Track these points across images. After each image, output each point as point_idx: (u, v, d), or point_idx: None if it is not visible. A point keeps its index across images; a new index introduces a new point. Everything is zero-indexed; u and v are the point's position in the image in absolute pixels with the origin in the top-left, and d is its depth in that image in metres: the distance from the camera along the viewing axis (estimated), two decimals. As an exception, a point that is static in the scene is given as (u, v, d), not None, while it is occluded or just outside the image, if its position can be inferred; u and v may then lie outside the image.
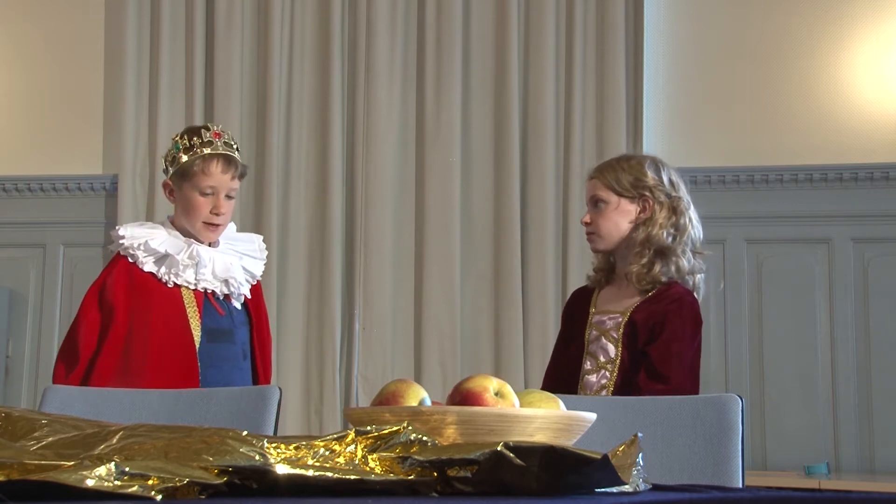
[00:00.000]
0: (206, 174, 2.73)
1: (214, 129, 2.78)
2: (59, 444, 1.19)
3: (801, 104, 4.40)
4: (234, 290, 2.80)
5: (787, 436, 4.22)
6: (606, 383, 2.53)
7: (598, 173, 2.68)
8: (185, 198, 2.76)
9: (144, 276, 2.73)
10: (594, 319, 2.62)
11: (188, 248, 2.75)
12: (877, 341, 4.22)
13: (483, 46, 4.57)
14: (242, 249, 2.87)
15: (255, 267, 2.87)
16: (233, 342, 2.79)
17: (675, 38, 4.53)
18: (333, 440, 1.13)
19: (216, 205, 2.75)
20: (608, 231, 2.62)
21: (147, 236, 2.75)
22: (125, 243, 2.74)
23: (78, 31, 4.91)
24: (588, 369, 2.58)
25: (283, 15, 4.65)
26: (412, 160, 4.56)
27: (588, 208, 2.68)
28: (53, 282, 4.79)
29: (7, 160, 4.88)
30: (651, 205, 2.61)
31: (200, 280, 2.75)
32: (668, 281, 2.58)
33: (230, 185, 2.77)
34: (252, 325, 2.86)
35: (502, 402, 1.35)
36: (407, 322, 4.48)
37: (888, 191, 4.28)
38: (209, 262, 2.76)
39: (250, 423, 2.09)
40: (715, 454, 1.91)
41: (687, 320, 2.57)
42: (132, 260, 2.73)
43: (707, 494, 1.22)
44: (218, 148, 2.75)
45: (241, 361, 2.80)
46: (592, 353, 2.60)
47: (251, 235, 2.98)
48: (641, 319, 2.55)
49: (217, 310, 2.77)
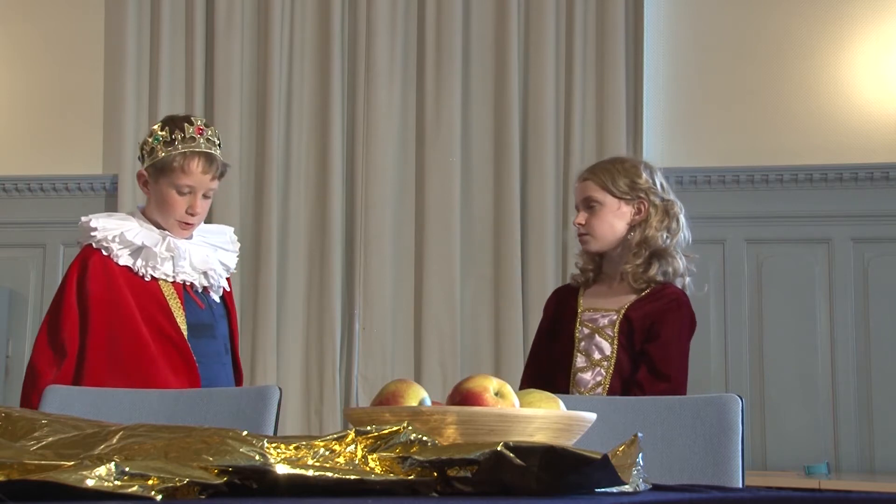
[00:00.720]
0: (185, 172, 2.59)
1: (198, 124, 2.64)
2: (59, 444, 1.19)
3: (801, 104, 4.40)
4: (213, 283, 2.70)
5: (787, 436, 4.22)
6: (601, 381, 2.55)
7: (591, 174, 2.70)
8: (161, 193, 2.63)
9: (119, 269, 2.60)
10: (585, 317, 2.64)
11: (164, 241, 2.63)
12: (877, 341, 4.22)
13: (483, 46, 4.57)
14: (215, 241, 2.77)
15: (229, 259, 2.78)
16: (214, 336, 2.69)
17: (675, 38, 4.53)
18: (333, 440, 1.13)
19: (192, 204, 2.63)
20: (603, 232, 2.65)
21: (121, 228, 2.62)
22: (98, 235, 2.61)
23: (78, 31, 4.91)
24: (581, 367, 2.59)
25: (283, 15, 4.65)
26: (412, 160, 4.56)
27: (580, 209, 2.70)
28: (53, 282, 4.78)
29: (7, 160, 4.88)
30: (646, 207, 2.65)
31: (179, 272, 2.63)
32: (663, 281, 2.61)
33: (209, 185, 2.64)
34: (231, 318, 2.78)
35: (502, 402, 1.35)
36: (407, 322, 4.48)
37: (888, 191, 4.28)
38: (186, 255, 2.65)
39: (250, 423, 2.09)
40: (715, 454, 1.91)
41: (685, 321, 2.61)
42: (106, 253, 2.61)
43: (707, 494, 1.22)
44: (200, 146, 2.61)
45: (224, 356, 2.72)
46: (585, 350, 2.61)
47: (222, 227, 2.88)
48: (637, 317, 2.57)
49: (197, 303, 2.68)
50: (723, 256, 4.38)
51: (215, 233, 2.82)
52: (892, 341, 4.21)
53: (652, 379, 2.50)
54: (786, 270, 4.34)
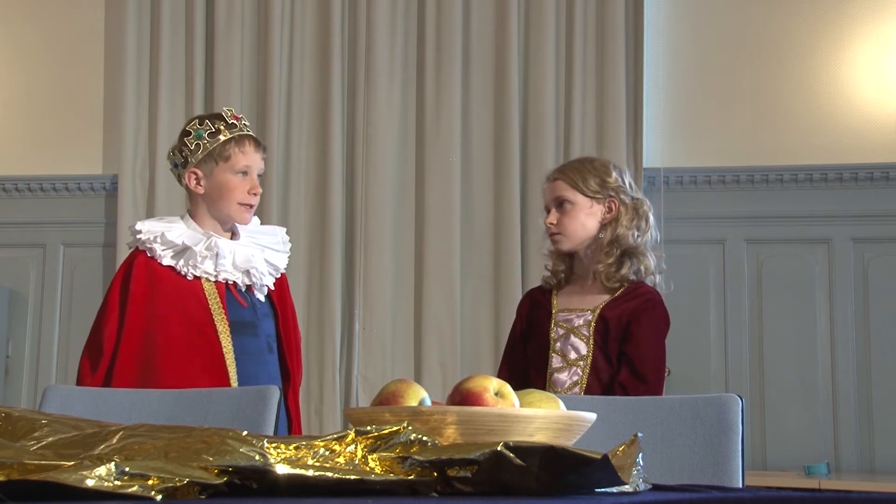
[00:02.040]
0: (243, 153, 2.71)
1: (232, 113, 2.77)
2: (59, 444, 1.19)
3: (801, 104, 4.40)
4: (256, 281, 2.75)
5: (787, 436, 4.22)
6: (578, 380, 2.58)
7: (561, 174, 2.72)
8: (219, 182, 2.72)
9: (163, 269, 2.68)
10: (560, 317, 2.66)
11: (207, 240, 2.70)
12: (877, 341, 4.22)
13: (483, 46, 4.57)
14: (265, 242, 2.82)
15: (279, 259, 2.83)
16: (256, 335, 2.73)
17: (675, 38, 4.53)
18: (333, 440, 1.13)
19: (253, 185, 2.74)
20: (574, 231, 2.68)
21: (164, 229, 2.70)
22: (142, 237, 2.70)
23: (78, 31, 4.91)
24: (557, 367, 2.61)
25: (283, 15, 4.65)
26: (412, 160, 4.56)
27: (551, 209, 2.72)
28: (53, 282, 4.79)
29: (7, 160, 4.89)
30: (617, 206, 2.67)
31: (221, 271, 2.69)
32: (635, 279, 2.64)
33: (261, 165, 2.77)
34: (277, 317, 2.81)
35: (502, 402, 1.34)
36: (407, 322, 4.48)
37: (888, 191, 4.28)
38: (229, 254, 2.71)
39: (250, 423, 2.09)
40: (715, 454, 1.91)
41: (660, 320, 2.64)
42: (150, 254, 2.69)
43: (707, 494, 1.22)
44: (244, 129, 2.75)
45: (266, 355, 2.75)
46: (561, 350, 2.63)
47: (274, 228, 2.93)
48: (613, 317, 2.60)
49: (239, 301, 2.72)
50: (723, 256, 4.38)
51: (266, 233, 2.87)
52: (892, 341, 4.21)
53: (633, 380, 2.53)
54: (786, 270, 4.34)
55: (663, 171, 4.41)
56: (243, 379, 2.65)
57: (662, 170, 4.41)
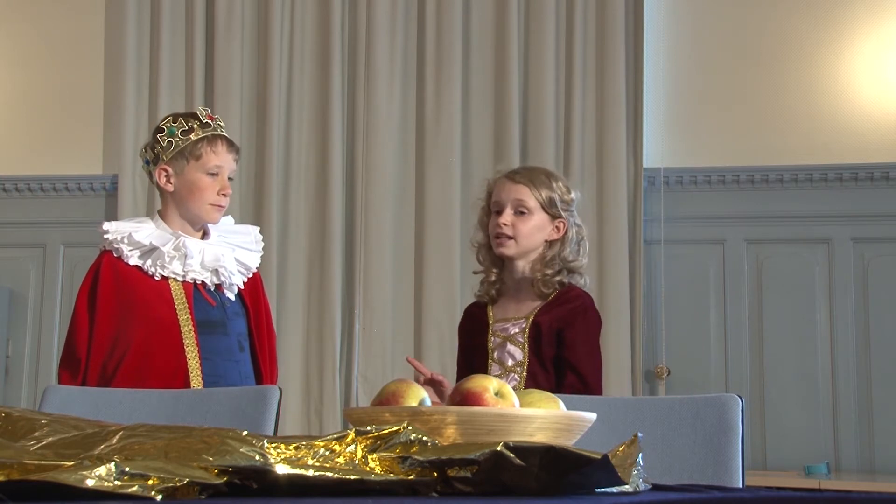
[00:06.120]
0: (215, 153, 2.72)
1: (208, 112, 2.78)
2: (59, 444, 1.19)
3: (801, 104, 4.40)
4: (224, 280, 2.74)
5: (787, 436, 4.22)
6: (516, 386, 2.61)
7: (529, 182, 2.69)
8: (190, 181, 2.71)
9: (130, 269, 2.68)
10: (496, 327, 2.70)
11: (175, 240, 2.70)
12: (877, 341, 4.22)
13: (483, 46, 4.57)
14: (236, 241, 2.82)
15: (250, 259, 2.82)
16: (226, 334, 2.72)
17: (675, 38, 4.53)
18: (333, 440, 1.13)
19: (223, 185, 2.74)
20: (525, 238, 2.68)
21: (132, 230, 2.70)
22: (109, 237, 2.70)
23: (78, 31, 4.91)
24: (496, 374, 2.62)
25: (283, 15, 4.65)
26: (412, 160, 4.56)
27: (506, 209, 2.68)
28: (53, 282, 4.80)
29: (7, 160, 4.89)
30: (565, 227, 2.69)
31: (189, 271, 2.69)
32: (566, 282, 2.68)
33: (232, 166, 2.77)
34: (249, 316, 2.81)
35: (502, 402, 1.35)
36: (407, 322, 4.48)
37: (888, 191, 4.28)
38: (198, 254, 2.71)
39: (250, 423, 2.09)
40: (715, 454, 1.91)
41: (592, 324, 2.67)
42: (117, 254, 2.69)
43: (707, 494, 1.22)
44: (217, 130, 2.75)
45: (238, 353, 2.74)
46: (499, 359, 2.67)
47: (247, 227, 2.93)
48: (545, 322, 2.63)
49: (208, 301, 2.71)
50: (723, 256, 4.38)
51: (239, 233, 2.87)
52: (892, 341, 4.21)
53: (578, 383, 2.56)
54: (786, 270, 4.34)
55: (663, 171, 4.41)
56: (212, 378, 2.65)
57: (662, 170, 4.41)
